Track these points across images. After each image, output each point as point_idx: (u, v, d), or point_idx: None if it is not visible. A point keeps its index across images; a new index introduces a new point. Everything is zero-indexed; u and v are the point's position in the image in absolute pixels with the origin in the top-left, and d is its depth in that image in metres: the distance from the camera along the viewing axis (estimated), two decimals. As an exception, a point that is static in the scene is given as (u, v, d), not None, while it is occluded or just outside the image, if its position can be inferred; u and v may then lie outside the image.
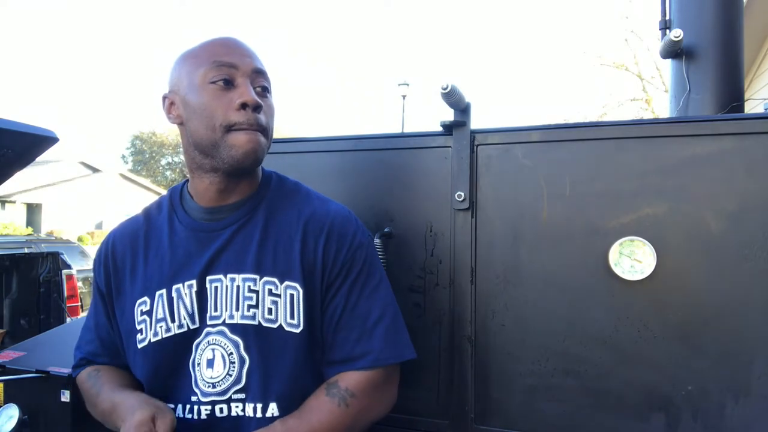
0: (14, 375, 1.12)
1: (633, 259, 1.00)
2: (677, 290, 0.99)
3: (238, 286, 0.90)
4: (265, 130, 0.91)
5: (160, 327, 0.91)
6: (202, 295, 0.91)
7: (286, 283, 0.90)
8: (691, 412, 0.98)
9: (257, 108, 0.88)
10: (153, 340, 0.91)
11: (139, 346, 0.93)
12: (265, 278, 0.90)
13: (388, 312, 0.92)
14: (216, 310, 0.90)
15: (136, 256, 0.97)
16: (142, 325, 0.93)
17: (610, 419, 1.02)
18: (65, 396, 1.09)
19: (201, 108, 0.89)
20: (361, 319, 0.91)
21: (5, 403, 1.11)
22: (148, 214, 1.02)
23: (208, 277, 0.91)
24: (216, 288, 0.91)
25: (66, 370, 1.09)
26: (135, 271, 0.97)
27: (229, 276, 0.91)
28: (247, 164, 0.90)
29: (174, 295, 0.92)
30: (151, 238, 0.98)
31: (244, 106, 0.87)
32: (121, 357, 1.00)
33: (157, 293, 0.93)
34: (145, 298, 0.94)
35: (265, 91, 0.93)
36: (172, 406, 0.91)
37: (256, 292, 0.89)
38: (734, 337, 0.96)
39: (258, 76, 0.91)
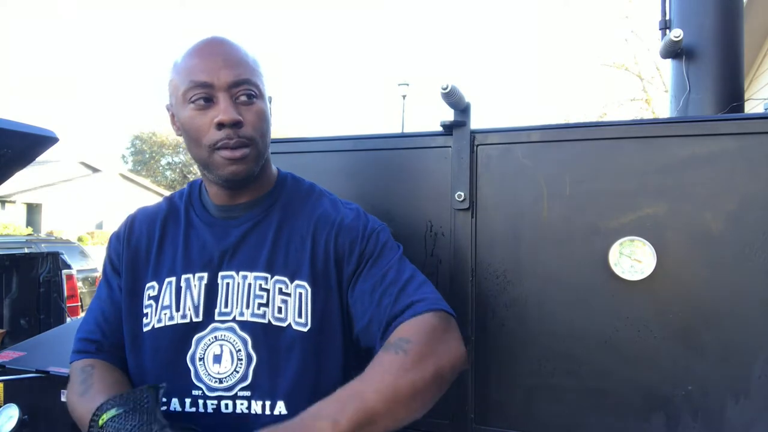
0: (14, 375, 1.12)
1: (633, 259, 1.00)
2: (677, 290, 0.99)
3: (249, 284, 0.91)
4: (253, 141, 0.90)
5: (164, 314, 0.92)
6: (212, 289, 0.92)
7: (296, 282, 0.91)
8: (691, 412, 0.98)
9: (237, 124, 0.87)
10: (156, 326, 0.92)
11: (144, 329, 0.93)
12: (276, 277, 0.91)
13: (418, 276, 0.92)
14: (226, 306, 0.91)
15: (151, 240, 0.98)
16: (148, 310, 0.94)
17: (610, 419, 1.02)
18: (65, 396, 1.09)
19: (188, 126, 0.90)
20: (397, 282, 0.89)
21: (5, 403, 1.11)
22: (171, 201, 1.03)
23: (221, 273, 0.93)
24: (228, 284, 0.92)
25: (66, 370, 1.09)
26: (149, 255, 0.98)
27: (241, 273, 0.92)
28: (238, 179, 0.91)
29: (183, 284, 0.93)
30: (168, 225, 0.99)
31: (221, 125, 0.86)
32: (120, 351, 0.97)
33: (166, 280, 0.94)
34: (154, 283, 0.95)
35: (250, 97, 0.90)
36: (163, 399, 0.90)
37: (267, 290, 0.91)
38: (734, 337, 0.96)
39: (237, 87, 0.88)
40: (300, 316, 0.90)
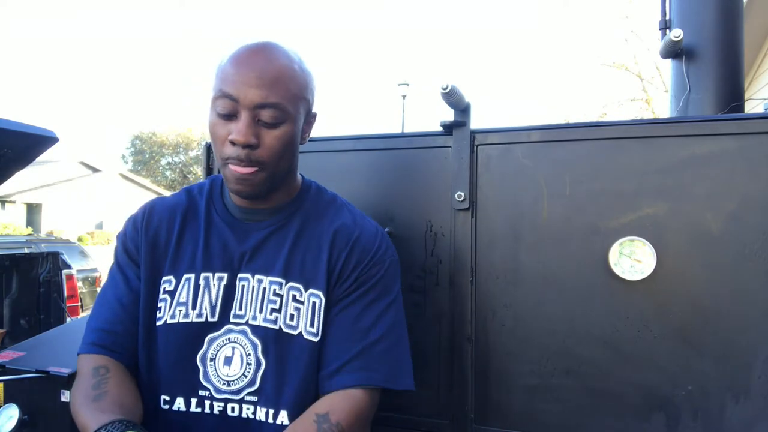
0: (14, 375, 1.12)
1: (633, 259, 1.00)
2: (677, 290, 0.99)
3: (264, 288, 0.91)
4: (265, 164, 0.87)
5: (179, 311, 0.91)
6: (230, 290, 0.92)
7: (311, 290, 0.91)
8: (691, 412, 0.98)
9: (250, 146, 0.85)
10: (169, 321, 0.91)
11: (157, 324, 0.92)
12: (291, 283, 0.91)
13: (393, 335, 0.91)
14: (241, 309, 0.91)
15: (171, 232, 0.97)
16: (162, 304, 0.93)
17: (610, 419, 1.02)
18: (65, 396, 1.09)
19: (210, 130, 0.89)
20: (362, 334, 0.89)
21: (5, 403, 1.11)
22: (191, 195, 1.01)
23: (239, 275, 0.93)
24: (243, 287, 0.92)
25: (66, 370, 1.09)
26: (168, 247, 0.96)
27: (257, 277, 0.92)
28: (244, 196, 0.90)
29: (201, 282, 0.92)
30: (188, 219, 0.98)
31: (233, 143, 0.85)
32: (134, 345, 0.93)
33: (185, 276, 0.93)
34: (171, 278, 0.94)
35: (274, 120, 0.86)
36: (167, 398, 0.91)
37: (281, 296, 0.90)
38: (734, 337, 0.96)
39: (262, 108, 0.85)
40: (312, 325, 0.90)
